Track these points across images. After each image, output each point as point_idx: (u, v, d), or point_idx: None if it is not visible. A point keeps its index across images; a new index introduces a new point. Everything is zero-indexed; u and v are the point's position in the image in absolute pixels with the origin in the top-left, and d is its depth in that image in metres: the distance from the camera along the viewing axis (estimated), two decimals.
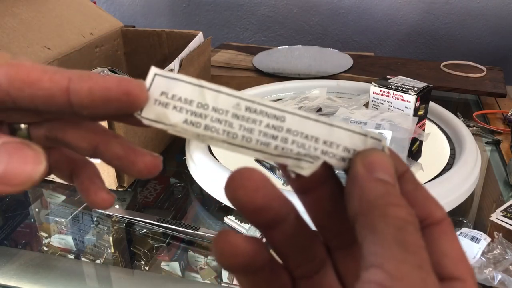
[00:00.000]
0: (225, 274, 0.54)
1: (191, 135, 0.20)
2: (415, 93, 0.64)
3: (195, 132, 0.19)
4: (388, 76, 0.70)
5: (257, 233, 0.53)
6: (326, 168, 0.20)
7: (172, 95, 0.19)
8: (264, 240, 0.20)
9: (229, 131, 0.19)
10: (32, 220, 0.64)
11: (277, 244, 0.21)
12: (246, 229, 0.58)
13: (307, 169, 0.19)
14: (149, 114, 0.19)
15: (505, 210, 0.61)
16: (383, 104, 0.68)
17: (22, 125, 0.22)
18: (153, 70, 0.20)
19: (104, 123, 0.53)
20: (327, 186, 0.21)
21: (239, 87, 0.89)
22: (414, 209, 0.18)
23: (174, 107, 0.19)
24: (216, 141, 0.19)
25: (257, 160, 0.63)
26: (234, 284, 0.53)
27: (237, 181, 0.18)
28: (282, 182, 0.62)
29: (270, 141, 0.19)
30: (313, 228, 0.21)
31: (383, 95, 0.67)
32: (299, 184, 0.20)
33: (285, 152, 0.20)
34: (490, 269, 0.50)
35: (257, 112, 0.20)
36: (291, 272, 0.21)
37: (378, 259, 0.16)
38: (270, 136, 0.20)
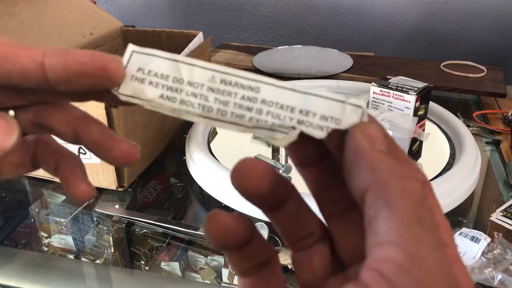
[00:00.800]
0: (225, 274, 0.54)
1: (167, 109, 0.20)
2: (415, 93, 0.64)
3: (170, 106, 0.20)
4: (388, 76, 0.70)
5: None
6: (308, 138, 0.20)
7: (148, 70, 0.20)
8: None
9: (204, 104, 0.19)
10: (32, 220, 0.64)
11: (279, 223, 0.21)
12: None
13: (282, 140, 0.19)
14: (126, 90, 0.20)
15: (505, 210, 0.61)
16: (383, 104, 0.68)
17: (11, 112, 0.22)
18: (131, 47, 0.20)
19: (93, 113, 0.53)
20: (325, 161, 0.21)
21: None
22: None
23: (150, 83, 0.20)
24: (192, 115, 0.20)
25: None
26: (234, 284, 0.53)
27: (243, 171, 0.19)
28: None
29: (244, 113, 0.19)
30: (311, 201, 0.22)
31: (383, 95, 0.67)
32: (298, 159, 0.21)
33: (259, 124, 0.19)
34: (490, 269, 0.49)
35: (232, 84, 0.19)
36: (290, 246, 0.22)
37: (396, 237, 0.15)
38: (245, 108, 0.19)
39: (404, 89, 0.65)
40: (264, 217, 0.22)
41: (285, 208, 0.21)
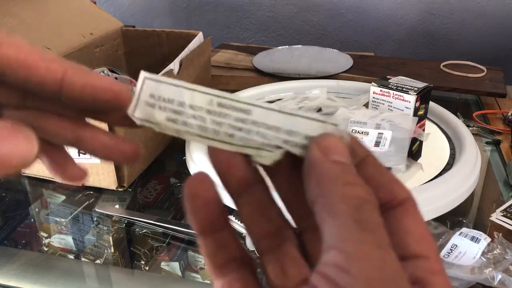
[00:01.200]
0: None
1: (172, 131, 0.22)
2: (415, 93, 0.64)
3: (174, 128, 0.21)
4: (388, 76, 0.70)
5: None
6: (289, 155, 0.21)
7: (158, 96, 0.22)
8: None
9: (202, 125, 0.21)
10: (32, 220, 0.64)
11: (244, 209, 0.22)
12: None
13: (267, 158, 0.21)
14: (140, 114, 0.22)
15: (505, 210, 0.61)
16: (383, 104, 0.68)
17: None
18: (143, 74, 0.22)
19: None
20: (292, 170, 0.21)
21: (239, 87, 0.89)
22: (378, 192, 0.18)
23: (159, 107, 0.22)
24: (192, 136, 0.22)
25: None
26: None
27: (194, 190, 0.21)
28: None
29: (235, 133, 0.21)
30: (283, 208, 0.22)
31: (383, 95, 0.67)
32: (267, 168, 0.22)
33: (248, 143, 0.21)
34: (490, 269, 0.49)
35: (227, 106, 0.21)
36: (255, 246, 0.22)
37: (336, 240, 0.16)
38: (236, 128, 0.21)
39: (404, 89, 0.65)
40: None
41: (249, 196, 0.21)
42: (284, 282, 0.21)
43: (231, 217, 0.60)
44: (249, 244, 0.53)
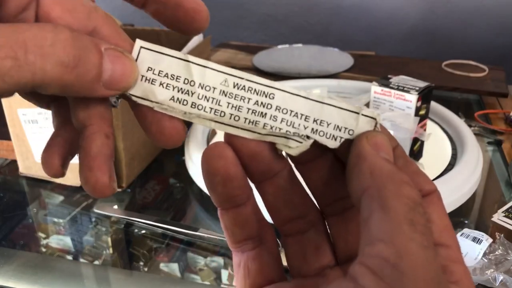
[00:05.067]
0: (224, 275, 0.54)
1: (178, 112, 0.19)
2: (417, 93, 0.64)
3: (182, 109, 0.19)
4: (389, 76, 0.69)
5: None
6: (318, 145, 0.20)
7: (158, 70, 0.19)
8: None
9: (217, 109, 0.19)
10: (30, 220, 0.64)
11: (268, 196, 0.21)
12: None
13: (295, 149, 0.19)
14: (137, 91, 0.19)
15: (506, 210, 0.61)
16: (384, 103, 0.67)
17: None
18: (138, 42, 0.19)
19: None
20: (323, 159, 0.21)
21: None
22: None
23: (161, 84, 0.19)
24: (204, 120, 0.19)
25: None
26: (234, 286, 0.53)
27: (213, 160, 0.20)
28: None
29: (259, 120, 0.19)
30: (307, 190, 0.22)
31: (384, 94, 0.67)
32: (297, 157, 0.21)
33: (274, 131, 0.19)
34: (492, 270, 0.49)
35: (246, 89, 0.19)
36: (279, 229, 0.22)
37: (387, 235, 0.16)
38: (259, 114, 0.19)
39: (405, 88, 0.65)
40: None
41: (275, 181, 0.21)
42: (303, 267, 0.22)
43: None
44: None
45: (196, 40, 0.79)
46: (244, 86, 0.19)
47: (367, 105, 0.73)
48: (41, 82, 0.16)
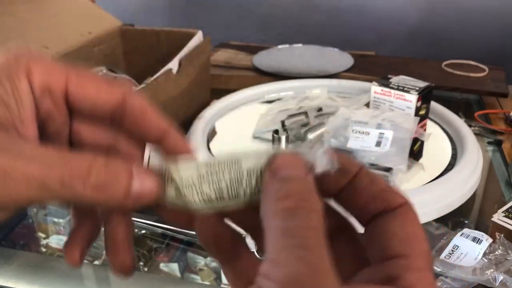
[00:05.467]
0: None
1: (181, 208, 0.22)
2: (417, 93, 0.64)
3: (182, 206, 0.22)
4: (389, 76, 0.69)
5: None
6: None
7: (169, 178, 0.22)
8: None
9: (204, 197, 0.21)
10: (30, 220, 0.64)
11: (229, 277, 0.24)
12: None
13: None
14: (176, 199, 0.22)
15: (506, 210, 0.61)
16: (384, 103, 0.67)
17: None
18: (173, 167, 0.22)
19: None
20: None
21: (239, 87, 0.88)
22: (372, 202, 0.20)
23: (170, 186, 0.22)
24: (201, 210, 0.22)
25: None
26: None
27: None
28: None
29: (239, 190, 0.21)
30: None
31: (384, 94, 0.67)
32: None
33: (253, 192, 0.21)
34: (492, 270, 0.49)
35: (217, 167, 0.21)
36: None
37: (267, 253, 0.17)
38: (237, 182, 0.21)
39: (405, 88, 0.65)
40: None
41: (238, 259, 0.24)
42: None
43: None
44: (250, 244, 0.52)
45: (196, 40, 0.79)
46: (215, 166, 0.21)
47: (367, 105, 0.73)
48: (79, 200, 0.20)
